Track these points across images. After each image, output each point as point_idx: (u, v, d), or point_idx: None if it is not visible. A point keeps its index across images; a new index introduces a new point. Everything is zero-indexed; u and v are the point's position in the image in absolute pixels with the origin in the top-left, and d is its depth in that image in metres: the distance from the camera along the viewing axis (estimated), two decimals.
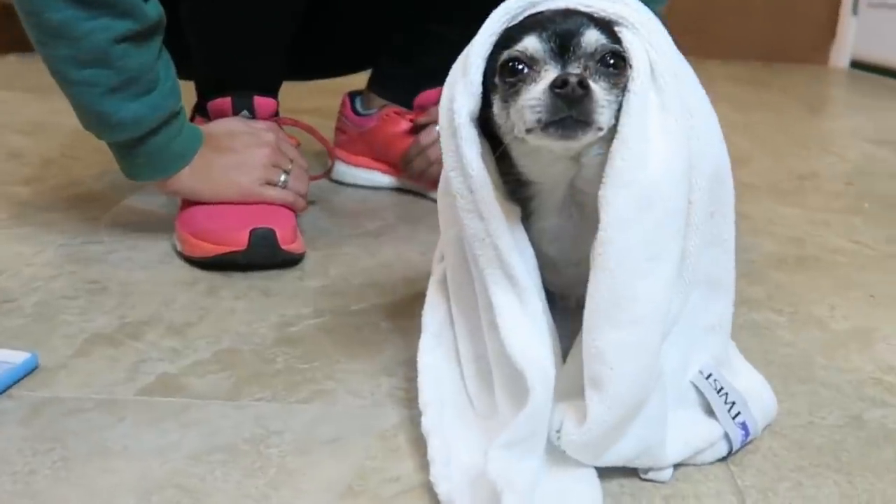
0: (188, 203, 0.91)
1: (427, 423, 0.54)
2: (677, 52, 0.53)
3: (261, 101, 0.94)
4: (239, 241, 0.83)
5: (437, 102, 1.12)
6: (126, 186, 1.13)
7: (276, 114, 0.98)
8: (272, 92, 0.98)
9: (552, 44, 0.48)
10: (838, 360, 0.71)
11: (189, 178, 0.87)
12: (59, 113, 1.60)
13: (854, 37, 3.27)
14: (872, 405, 0.64)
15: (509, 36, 0.51)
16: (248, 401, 0.60)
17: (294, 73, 1.08)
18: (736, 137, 1.68)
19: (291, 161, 0.93)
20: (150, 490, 0.50)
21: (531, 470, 0.47)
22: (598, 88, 0.47)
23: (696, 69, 0.54)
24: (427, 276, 0.85)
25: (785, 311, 0.81)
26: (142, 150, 0.83)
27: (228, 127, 0.91)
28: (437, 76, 1.14)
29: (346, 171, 1.18)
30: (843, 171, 1.45)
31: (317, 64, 1.17)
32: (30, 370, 0.63)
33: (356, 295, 0.80)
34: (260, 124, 0.93)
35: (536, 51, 0.49)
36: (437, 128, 1.05)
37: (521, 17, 0.52)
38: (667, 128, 0.49)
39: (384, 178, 1.18)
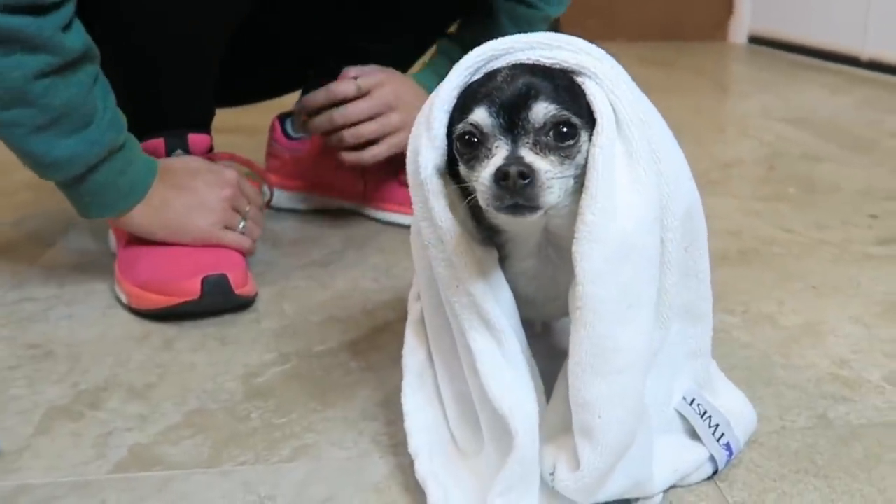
0: (128, 243, 0.87)
1: (421, 469, 0.54)
2: (642, 96, 0.53)
3: (195, 139, 0.91)
4: (191, 290, 0.80)
5: None
6: (50, 229, 1.09)
7: (211, 149, 0.95)
8: (205, 126, 0.95)
9: (501, 119, 0.48)
10: (795, 358, 0.74)
11: (143, 217, 0.83)
12: None
13: (750, 13, 3.38)
14: (835, 402, 0.67)
15: (465, 102, 0.50)
16: (230, 466, 0.59)
17: (223, 99, 1.04)
18: None
19: (250, 203, 0.90)
20: None
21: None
22: (544, 168, 0.47)
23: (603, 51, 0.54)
24: (385, 305, 0.85)
25: (737, 310, 0.84)
26: (85, 189, 0.79)
27: (188, 163, 0.88)
28: None
29: (282, 196, 1.16)
30: (763, 155, 1.51)
31: (247, 89, 1.14)
32: None
33: (318, 334, 0.79)
34: (218, 162, 0.90)
35: (486, 125, 0.49)
36: (356, 82, 0.99)
37: (481, 72, 0.52)
38: (636, 176, 0.50)
39: (321, 201, 1.16)
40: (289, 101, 1.21)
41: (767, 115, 1.89)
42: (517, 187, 0.46)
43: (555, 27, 1.18)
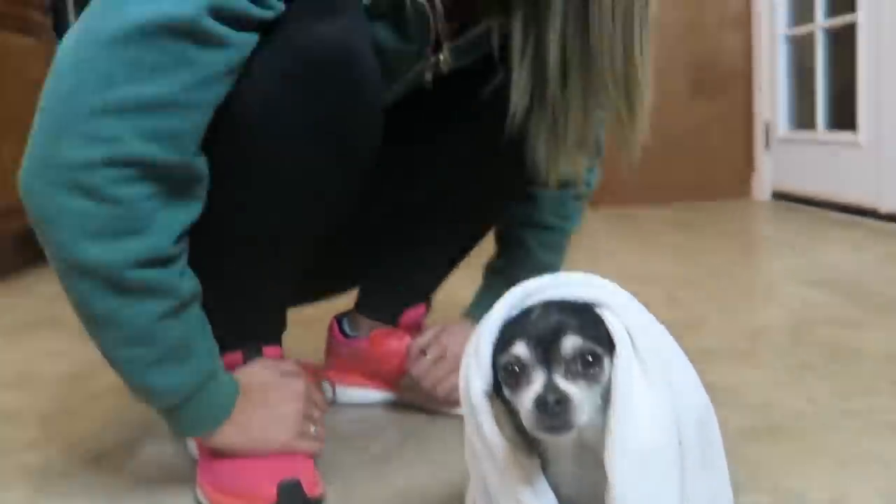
0: (209, 452, 0.97)
1: None
2: (653, 319, 0.64)
3: (269, 351, 1.03)
4: (268, 495, 0.89)
5: (418, 319, 1.24)
6: (134, 436, 1.19)
7: (281, 357, 1.06)
8: (278, 339, 1.07)
9: (537, 352, 0.60)
10: None
11: (229, 434, 0.92)
12: (41, 358, 1.67)
13: (771, 170, 3.54)
14: None
15: (507, 337, 0.62)
16: None
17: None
18: (686, 296, 1.82)
19: (317, 408, 1.01)
20: None
21: None
22: (577, 392, 0.58)
23: (631, 217, 0.65)
24: (442, 500, 0.93)
25: (767, 489, 0.90)
26: (181, 413, 0.89)
27: (261, 379, 0.98)
28: (418, 294, 1.27)
29: (341, 391, 1.26)
30: (789, 322, 1.59)
31: (307, 293, 1.27)
32: None
33: None
34: (288, 366, 1.01)
35: (525, 358, 0.60)
36: (428, 357, 1.16)
37: (517, 309, 0.63)
38: (652, 391, 0.60)
39: (378, 395, 1.27)
40: (345, 301, 1.34)
41: (793, 277, 1.99)
42: (555, 412, 0.56)
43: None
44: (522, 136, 1.00)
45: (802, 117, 3.40)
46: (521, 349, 0.60)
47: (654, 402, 0.60)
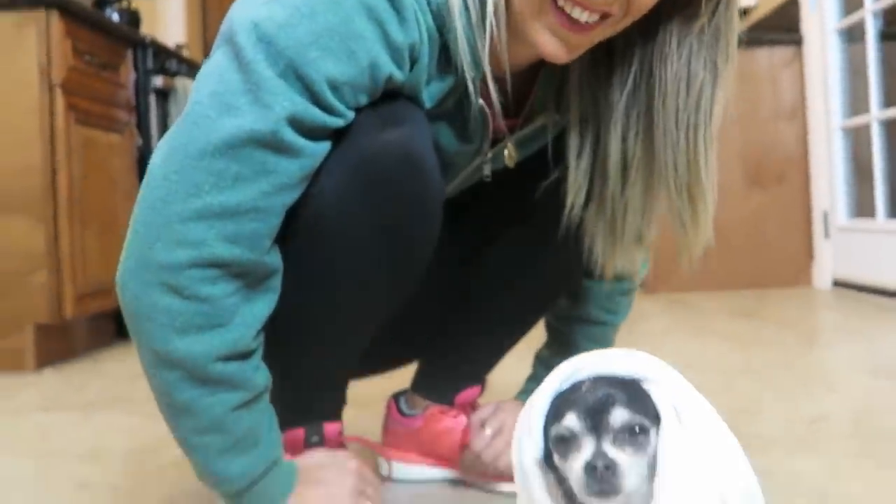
0: None
1: None
2: (697, 395, 0.67)
3: (329, 427, 1.08)
4: None
5: (473, 400, 1.27)
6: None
7: (340, 433, 1.11)
8: (338, 416, 1.12)
9: (587, 422, 0.63)
10: None
11: None
12: (111, 433, 1.74)
13: (832, 258, 3.50)
14: None
15: (558, 409, 0.65)
16: None
17: None
18: (742, 384, 1.82)
19: (370, 485, 1.04)
20: None
21: None
22: (624, 458, 0.61)
23: (692, 306, 0.68)
24: None
25: None
26: (246, 497, 0.93)
27: (317, 460, 1.03)
28: (471, 375, 1.30)
29: (399, 468, 1.29)
30: (850, 411, 1.57)
31: (366, 368, 1.31)
32: None
33: None
34: (341, 454, 1.05)
35: (576, 427, 0.64)
36: (487, 432, 1.19)
37: (568, 383, 0.67)
38: (696, 461, 0.62)
39: (434, 472, 1.29)
40: (402, 379, 1.38)
41: (853, 366, 1.96)
42: (604, 477, 0.59)
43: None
44: (579, 231, 1.04)
45: (862, 207, 3.39)
46: (572, 420, 0.64)
47: (698, 474, 0.63)
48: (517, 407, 1.22)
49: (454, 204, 1.05)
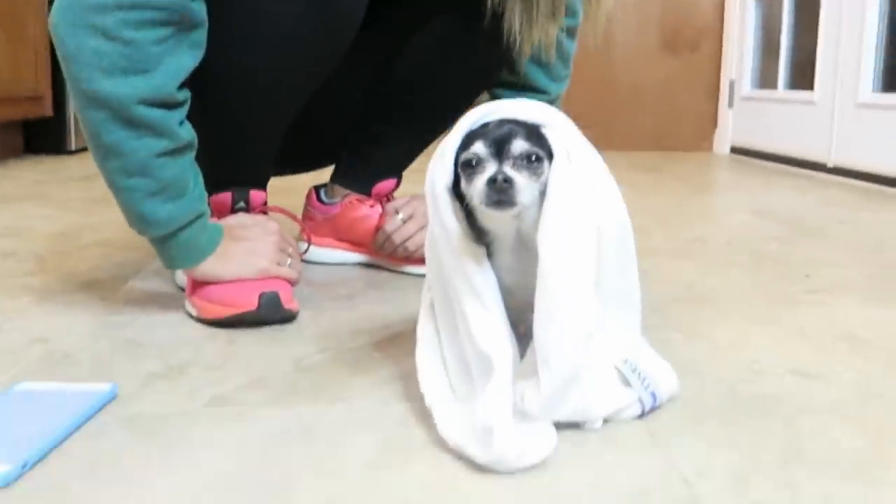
0: (196, 282, 1.09)
1: (428, 399, 0.76)
2: (586, 142, 0.78)
3: (255, 194, 1.16)
4: (250, 302, 1.02)
5: (389, 192, 1.37)
6: (122, 273, 1.32)
7: (265, 203, 1.19)
8: (262, 186, 1.20)
9: (492, 149, 0.73)
10: (719, 361, 0.95)
11: (213, 265, 1.05)
12: (30, 219, 1.78)
13: (732, 126, 3.70)
14: (746, 382, 0.88)
15: (467, 141, 0.75)
16: (287, 406, 0.80)
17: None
18: (640, 217, 1.96)
19: (291, 247, 1.14)
20: (240, 458, 0.69)
21: (509, 417, 0.69)
22: (520, 179, 0.72)
23: (602, 158, 0.79)
24: (401, 320, 1.08)
25: (679, 330, 1.05)
26: (173, 244, 1.02)
27: (240, 220, 1.12)
28: (389, 169, 1.39)
29: (314, 251, 1.39)
30: (724, 235, 1.75)
31: (287, 162, 1.39)
32: (114, 397, 0.81)
33: (348, 337, 1.01)
34: (264, 217, 1.14)
35: (482, 153, 0.73)
36: (399, 216, 1.29)
37: (478, 124, 0.77)
38: (580, 194, 0.74)
39: (347, 255, 1.40)
40: (323, 174, 1.46)
41: (734, 208, 2.15)
42: (502, 188, 0.70)
43: None
44: (496, 14, 1.12)
45: (765, 79, 3.56)
46: (479, 147, 0.74)
47: (581, 201, 0.74)
48: None
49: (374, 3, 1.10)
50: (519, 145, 0.73)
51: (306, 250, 1.29)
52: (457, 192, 0.77)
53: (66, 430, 0.73)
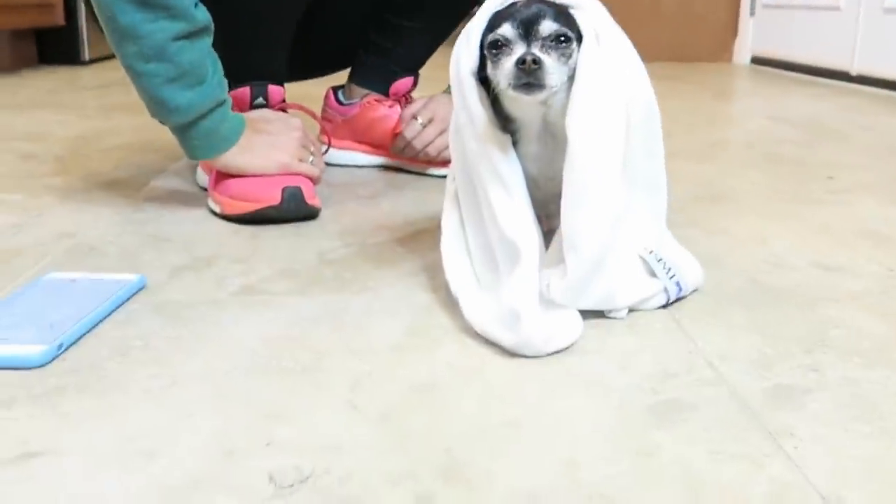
0: (222, 176, 1.09)
1: (454, 287, 0.76)
2: (614, 24, 0.76)
3: (273, 90, 1.15)
4: (273, 197, 1.02)
5: (407, 90, 1.35)
6: (144, 175, 1.32)
7: (284, 100, 1.18)
8: (280, 82, 1.18)
9: (520, 30, 0.71)
10: (740, 254, 0.95)
11: (236, 156, 1.05)
12: (49, 125, 1.77)
13: (752, 35, 3.62)
14: (767, 274, 0.88)
15: (494, 22, 0.73)
16: (313, 296, 0.81)
17: (289, 74, 1.28)
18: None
19: (313, 145, 1.13)
20: (268, 340, 0.70)
21: (535, 302, 0.69)
22: (549, 61, 0.70)
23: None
24: (422, 217, 1.08)
25: (700, 227, 1.05)
26: (195, 132, 1.01)
27: (263, 114, 1.11)
28: (407, 66, 1.37)
29: (333, 153, 1.39)
30: (744, 138, 1.73)
31: (305, 66, 1.37)
32: (142, 287, 0.82)
33: (371, 233, 1.02)
34: (283, 114, 1.13)
35: (510, 35, 0.72)
36: (419, 121, 1.28)
37: (504, 4, 0.75)
38: (609, 76, 0.72)
39: (367, 158, 1.39)
40: (340, 76, 1.44)
41: (754, 113, 2.12)
42: (531, 69, 0.69)
43: None
44: None
45: None
46: (506, 28, 0.72)
47: (610, 83, 0.73)
48: (448, 100, 1.31)
49: None
50: (548, 26, 0.72)
51: (325, 152, 1.28)
52: (482, 77, 0.76)
53: (98, 315, 0.74)
